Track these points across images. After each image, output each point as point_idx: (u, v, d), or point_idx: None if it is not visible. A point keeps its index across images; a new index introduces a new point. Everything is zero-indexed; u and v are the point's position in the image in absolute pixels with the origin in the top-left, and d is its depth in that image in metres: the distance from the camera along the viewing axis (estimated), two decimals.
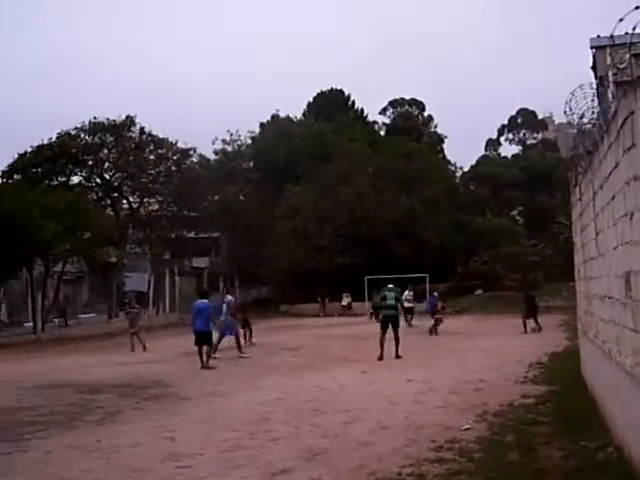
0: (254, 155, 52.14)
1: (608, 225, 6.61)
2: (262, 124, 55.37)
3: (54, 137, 42.41)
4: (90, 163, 44.16)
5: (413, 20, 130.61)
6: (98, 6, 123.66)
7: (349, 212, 42.45)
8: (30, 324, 32.44)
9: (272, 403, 11.12)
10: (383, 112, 64.80)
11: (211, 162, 51.34)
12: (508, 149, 71.66)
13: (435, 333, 23.60)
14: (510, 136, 73.18)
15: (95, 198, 44.10)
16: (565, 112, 8.03)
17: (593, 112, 7.45)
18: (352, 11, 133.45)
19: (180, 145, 46.22)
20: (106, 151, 44.27)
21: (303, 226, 42.97)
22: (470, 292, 40.44)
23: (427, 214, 43.03)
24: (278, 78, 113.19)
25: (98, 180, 45.12)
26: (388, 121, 63.97)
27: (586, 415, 8.45)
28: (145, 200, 47.06)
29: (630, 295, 5.46)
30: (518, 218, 59.47)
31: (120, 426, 9.78)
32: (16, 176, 40.45)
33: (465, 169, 60.92)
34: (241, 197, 50.55)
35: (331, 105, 55.96)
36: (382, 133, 60.96)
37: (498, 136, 72.97)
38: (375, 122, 62.31)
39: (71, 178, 44.11)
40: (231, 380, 14.26)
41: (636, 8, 5.28)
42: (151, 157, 45.52)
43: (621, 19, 6.90)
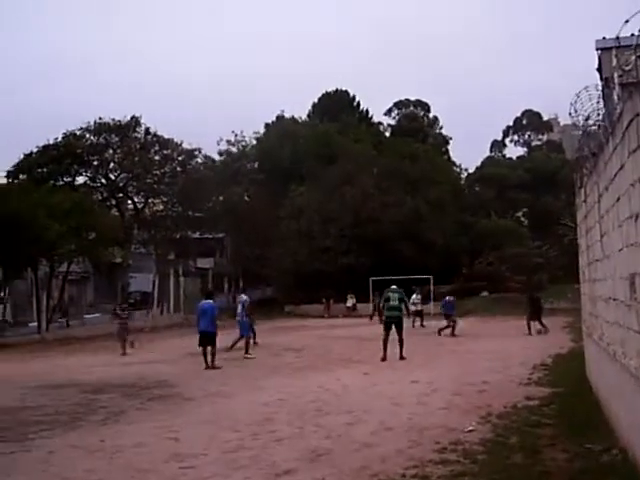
0: (259, 156, 52.17)
1: (613, 227, 6.58)
2: (267, 125, 55.46)
3: (59, 137, 42.67)
4: (95, 163, 44.36)
5: (417, 20, 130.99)
6: (98, 6, 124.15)
7: (354, 213, 42.44)
8: (35, 324, 32.46)
9: (276, 404, 11.11)
10: (388, 113, 65.00)
11: (216, 163, 51.39)
12: (513, 150, 71.75)
13: (443, 334, 23.63)
14: (515, 137, 73.22)
15: (100, 198, 44.27)
16: (570, 114, 8.01)
17: (598, 114, 7.43)
18: (355, 11, 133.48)
19: (185, 146, 46.44)
20: (111, 151, 44.46)
21: (308, 227, 42.98)
22: (475, 294, 40.36)
23: (432, 215, 42.98)
24: (283, 79, 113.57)
25: (103, 180, 45.32)
26: (393, 122, 64.05)
27: (591, 417, 8.43)
28: (150, 200, 47.20)
29: (635, 297, 5.44)
30: (523, 220, 59.37)
31: (124, 426, 9.79)
32: (22, 176, 40.64)
33: (470, 171, 60.98)
34: (246, 198, 50.58)
35: (336, 106, 55.94)
36: (387, 134, 60.97)
37: (503, 137, 73.00)
38: (380, 123, 62.44)
39: (76, 178, 44.37)
40: (235, 381, 14.25)
41: None
42: (156, 158, 45.69)
43: (627, 20, 6.88)
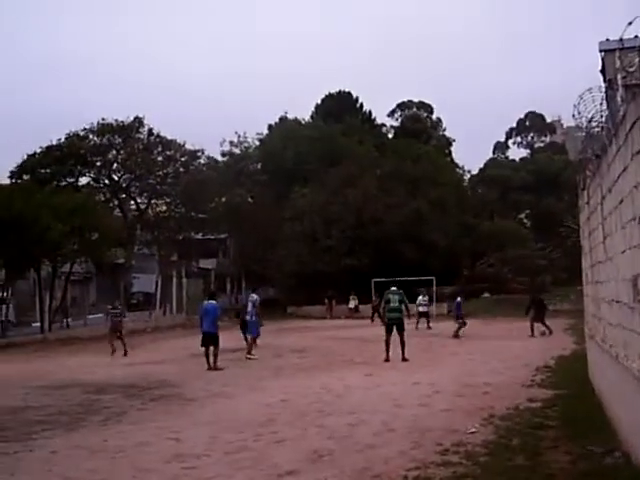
0: (262, 157, 52.13)
1: (616, 229, 6.58)
2: (270, 126, 55.42)
3: (63, 138, 42.70)
4: (98, 164, 44.39)
5: (420, 21, 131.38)
6: (100, 7, 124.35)
7: (357, 214, 42.41)
8: (38, 324, 32.50)
9: (278, 404, 11.12)
10: (391, 114, 64.84)
11: (219, 164, 51.38)
12: (516, 152, 71.75)
13: (456, 336, 23.61)
14: (518, 139, 73.22)
15: (103, 199, 44.24)
16: (574, 115, 8.00)
17: (602, 115, 7.43)
18: (357, 12, 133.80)
19: (188, 147, 46.44)
20: (114, 152, 44.47)
21: (310, 228, 42.94)
22: (477, 295, 40.31)
23: (435, 217, 42.92)
24: (286, 80, 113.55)
25: (106, 181, 45.32)
26: (396, 124, 63.96)
27: (593, 419, 8.42)
28: (153, 201, 47.21)
29: (638, 299, 5.43)
30: (526, 221, 59.32)
31: (126, 426, 9.80)
32: (25, 177, 40.70)
33: (473, 172, 60.93)
34: (249, 199, 50.55)
35: (339, 107, 55.85)
36: (390, 136, 60.89)
37: (506, 139, 72.99)
38: (383, 125, 62.31)
39: (79, 179, 44.39)
40: (237, 381, 14.26)
41: None
42: (159, 158, 45.67)
43: (630, 22, 6.88)
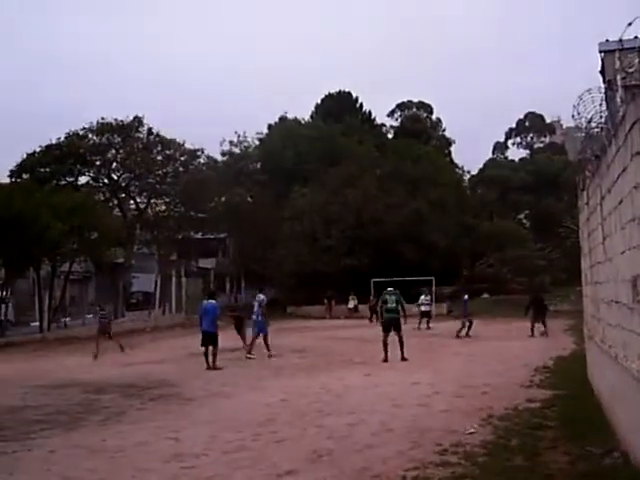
0: (262, 156, 52.09)
1: (615, 229, 6.58)
2: (270, 125, 55.39)
3: (62, 137, 42.67)
4: (98, 163, 44.33)
5: (420, 22, 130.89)
6: (98, 6, 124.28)
7: (356, 214, 42.39)
8: (37, 324, 32.49)
9: (277, 404, 11.12)
10: (391, 115, 64.83)
11: (218, 163, 51.33)
12: (516, 153, 71.79)
13: (467, 335, 23.62)
14: (518, 140, 73.25)
15: (103, 198, 44.18)
16: (573, 116, 8.00)
17: (601, 116, 7.43)
18: (358, 12, 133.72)
19: (188, 146, 46.40)
20: (114, 151, 44.41)
21: (310, 228, 42.94)
22: (476, 296, 40.28)
23: (434, 217, 42.90)
24: (286, 80, 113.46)
25: (106, 180, 45.26)
26: (396, 124, 63.96)
27: (592, 420, 8.42)
28: (152, 201, 47.16)
29: (637, 300, 5.43)
30: (525, 222, 59.31)
31: (125, 426, 9.80)
32: (24, 176, 40.65)
33: (473, 172, 60.92)
34: (248, 198, 50.52)
35: (339, 107, 55.83)
36: (390, 136, 60.89)
37: (506, 139, 73.02)
38: (383, 125, 62.30)
39: (79, 178, 44.33)
40: (236, 381, 14.26)
41: None
42: (159, 158, 45.61)
43: (630, 23, 6.88)
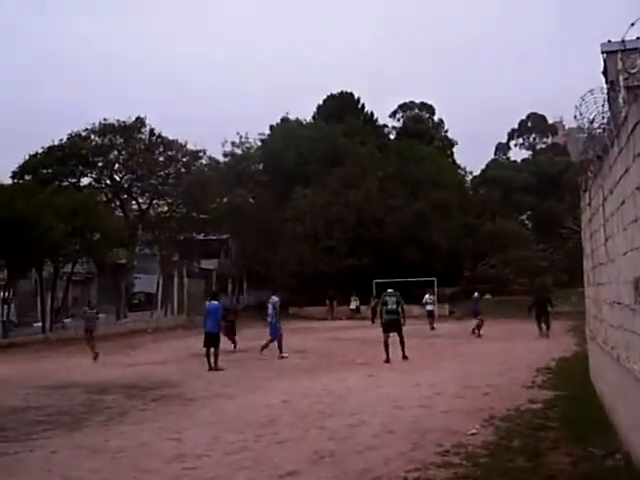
0: (263, 157, 52.06)
1: (618, 230, 6.57)
2: (272, 126, 55.37)
3: (64, 138, 42.68)
4: (100, 164, 44.31)
5: (422, 23, 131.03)
6: (100, 5, 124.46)
7: (358, 215, 42.40)
8: (39, 324, 32.52)
9: (279, 405, 11.12)
10: (393, 115, 64.81)
11: (220, 164, 51.33)
12: (518, 153, 71.85)
13: (478, 335, 23.60)
14: (520, 141, 73.26)
15: (105, 199, 44.20)
16: (575, 117, 8.00)
17: (603, 117, 7.42)
18: (361, 13, 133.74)
19: (190, 147, 46.41)
20: (116, 152, 44.41)
21: (312, 229, 42.94)
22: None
23: (436, 218, 42.89)
24: (288, 81, 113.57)
25: (108, 181, 45.25)
26: (398, 125, 63.93)
27: (594, 421, 8.41)
28: (154, 202, 47.16)
29: (639, 301, 5.43)
30: (527, 222, 59.28)
31: (127, 427, 9.80)
32: (27, 177, 40.69)
33: (475, 173, 60.92)
34: (250, 199, 50.50)
35: (341, 108, 55.82)
36: (392, 137, 60.87)
37: (508, 140, 73.06)
38: (385, 126, 62.25)
39: (81, 179, 44.28)
40: (238, 382, 14.26)
41: None
42: (161, 159, 45.60)
43: (632, 24, 6.87)
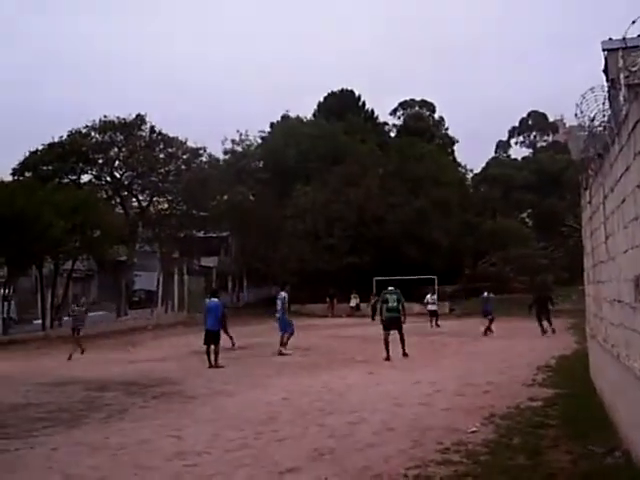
0: (264, 155, 52.01)
1: (618, 228, 6.57)
2: (272, 124, 55.35)
3: (65, 135, 42.71)
4: (100, 161, 44.37)
5: (423, 21, 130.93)
6: (99, 4, 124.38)
7: (358, 213, 42.39)
8: (39, 321, 32.56)
9: (279, 403, 11.12)
10: (393, 113, 64.76)
11: (220, 162, 51.31)
12: (518, 151, 71.85)
13: (487, 333, 23.60)
14: (520, 139, 73.25)
15: (105, 196, 44.26)
16: (576, 115, 7.99)
17: (604, 115, 7.42)
18: (361, 11, 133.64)
19: (190, 144, 46.42)
20: (116, 150, 44.44)
21: (312, 226, 42.93)
22: (479, 294, 40.19)
23: (437, 216, 42.89)
24: (288, 78, 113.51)
25: (108, 178, 45.30)
26: (398, 122, 63.88)
27: (594, 419, 8.41)
28: (155, 199, 47.21)
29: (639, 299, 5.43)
30: (528, 220, 59.26)
31: (127, 424, 9.81)
32: (27, 174, 40.72)
33: (475, 171, 60.88)
34: (250, 197, 50.49)
35: (341, 105, 55.82)
36: (392, 134, 60.85)
37: (508, 138, 73.05)
38: (385, 123, 62.23)
39: (81, 176, 44.41)
40: (238, 379, 14.26)
41: None
42: (161, 156, 45.65)
43: (634, 21, 6.87)
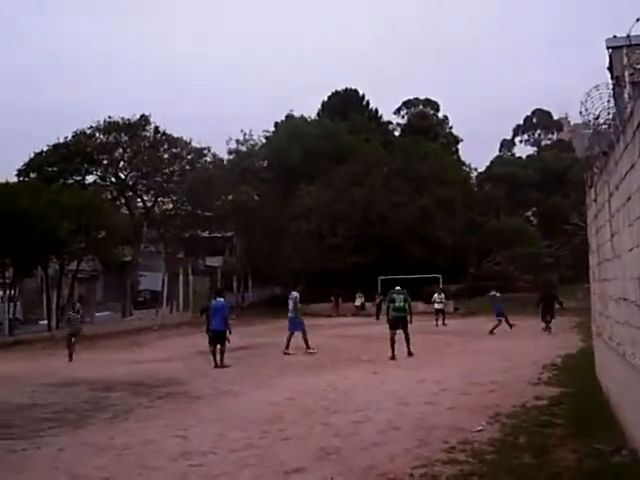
0: (268, 155, 51.97)
1: (623, 226, 6.55)
2: (276, 124, 55.30)
3: (69, 136, 42.79)
4: (105, 162, 44.40)
5: (427, 20, 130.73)
6: (102, 4, 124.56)
7: (363, 212, 42.34)
8: (45, 322, 32.65)
9: (284, 402, 11.12)
10: (397, 112, 64.64)
11: (225, 162, 51.34)
12: (523, 150, 71.59)
13: (493, 330, 23.67)
14: (525, 137, 73.04)
15: (110, 197, 44.30)
16: (581, 112, 7.97)
17: (609, 113, 7.40)
18: (365, 11, 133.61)
19: (194, 144, 46.45)
20: (121, 150, 44.48)
21: (317, 226, 42.91)
22: (483, 293, 40.14)
23: (441, 214, 42.80)
24: (292, 78, 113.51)
25: (113, 179, 45.34)
26: (402, 121, 63.78)
27: (600, 417, 8.38)
28: (159, 199, 47.23)
29: None
30: (532, 219, 59.12)
31: (133, 424, 9.82)
32: (32, 175, 40.80)
33: (480, 170, 60.76)
34: (255, 197, 50.51)
35: (345, 105, 55.70)
36: (397, 133, 60.77)
37: (513, 137, 72.86)
38: (390, 122, 62.12)
39: (86, 177, 44.43)
40: (244, 379, 14.27)
41: None
42: (165, 156, 45.68)
43: (638, 19, 6.85)
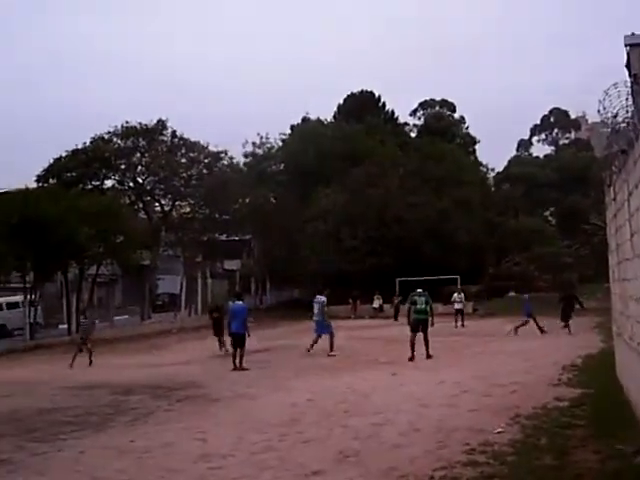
0: (284, 157, 52.07)
1: None
2: (292, 126, 55.40)
3: (88, 142, 43.19)
4: (123, 167, 44.76)
5: (442, 20, 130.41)
6: (100, 6, 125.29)
7: (379, 214, 42.29)
8: (65, 326, 32.93)
9: (303, 404, 11.12)
10: (413, 114, 64.55)
11: (241, 165, 51.52)
12: (540, 149, 71.19)
13: (515, 332, 23.55)
14: (542, 136, 72.56)
15: (128, 202, 44.62)
16: (599, 111, 7.92)
17: (627, 111, 7.34)
18: (381, 12, 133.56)
19: (211, 148, 46.66)
20: (139, 155, 44.82)
21: (334, 228, 42.91)
22: (502, 294, 39.97)
23: (458, 215, 42.68)
24: (308, 80, 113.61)
25: (131, 184, 45.67)
26: (419, 123, 63.65)
27: (622, 418, 8.29)
28: (177, 203, 47.49)
29: None
30: (551, 219, 58.78)
31: (153, 427, 9.88)
32: (51, 180, 41.26)
33: (497, 170, 60.51)
34: (272, 199, 50.63)
35: (361, 107, 55.66)
36: (413, 135, 60.66)
37: (530, 136, 72.42)
38: (406, 124, 62.03)
39: (105, 182, 44.80)
40: (262, 382, 14.29)
41: None
42: (183, 160, 45.95)
43: None
